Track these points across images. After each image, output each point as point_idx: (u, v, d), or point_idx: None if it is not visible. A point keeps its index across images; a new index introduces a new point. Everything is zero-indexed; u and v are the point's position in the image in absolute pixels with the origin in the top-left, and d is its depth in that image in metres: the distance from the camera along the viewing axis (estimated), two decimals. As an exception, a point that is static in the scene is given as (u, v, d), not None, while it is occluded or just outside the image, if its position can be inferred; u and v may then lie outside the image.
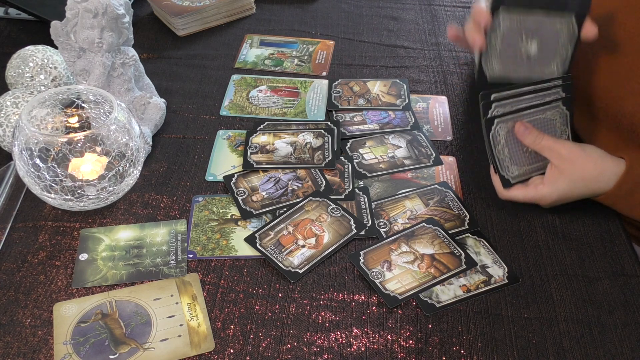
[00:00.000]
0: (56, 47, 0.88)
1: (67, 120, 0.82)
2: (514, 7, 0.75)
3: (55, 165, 0.75)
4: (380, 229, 0.79)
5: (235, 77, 1.05)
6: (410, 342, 0.68)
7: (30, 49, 0.89)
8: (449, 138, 0.94)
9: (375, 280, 0.73)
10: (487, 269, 0.75)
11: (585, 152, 0.76)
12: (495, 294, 0.73)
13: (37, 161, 0.73)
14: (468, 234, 0.79)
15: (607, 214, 0.82)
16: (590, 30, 0.77)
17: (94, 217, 0.80)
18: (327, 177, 0.86)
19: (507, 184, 0.79)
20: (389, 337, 0.68)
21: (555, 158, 0.76)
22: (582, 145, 0.77)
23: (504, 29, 0.76)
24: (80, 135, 0.72)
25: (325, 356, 0.66)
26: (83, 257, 0.75)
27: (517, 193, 0.79)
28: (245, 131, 0.93)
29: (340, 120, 0.96)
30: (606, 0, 0.83)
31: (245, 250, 0.76)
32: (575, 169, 0.76)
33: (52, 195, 0.75)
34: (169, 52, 1.10)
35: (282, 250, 0.76)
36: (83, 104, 0.81)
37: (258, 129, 0.93)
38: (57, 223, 0.79)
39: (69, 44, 0.87)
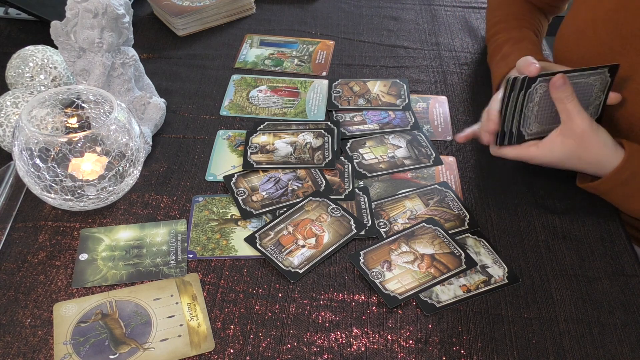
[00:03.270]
0: (56, 47, 0.88)
1: (67, 120, 0.82)
2: (549, 77, 0.75)
3: (55, 165, 0.75)
4: (380, 229, 0.79)
5: (235, 77, 1.05)
6: (410, 342, 0.68)
7: (30, 49, 0.89)
8: (449, 138, 0.94)
9: (375, 280, 0.73)
10: (487, 269, 0.75)
11: (595, 135, 0.74)
12: (495, 294, 0.73)
13: (37, 161, 0.73)
14: (468, 234, 0.79)
15: (607, 214, 0.82)
16: (615, 97, 0.78)
17: (94, 217, 0.80)
18: (327, 177, 0.86)
19: (520, 138, 0.77)
20: (389, 337, 0.68)
21: (567, 126, 0.74)
22: (597, 128, 0.75)
23: (540, 95, 0.76)
24: (80, 135, 0.72)
25: (325, 356, 0.66)
26: (83, 257, 0.75)
27: (509, 151, 0.78)
28: (245, 131, 0.93)
29: (340, 120, 0.96)
30: (605, 1, 0.83)
31: (245, 250, 0.76)
32: (578, 147, 0.75)
33: (52, 195, 0.75)
34: (169, 52, 1.10)
35: (282, 250, 0.76)
36: (83, 104, 0.81)
37: (258, 129, 0.93)
38: (57, 223, 0.79)
39: (69, 44, 0.87)
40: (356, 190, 0.84)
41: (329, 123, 0.95)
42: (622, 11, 0.80)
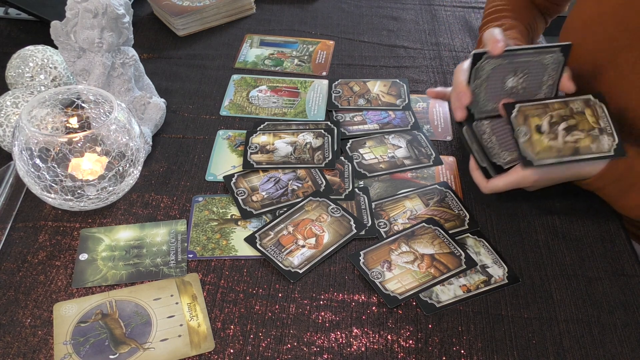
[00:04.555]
0: (56, 47, 0.88)
1: (67, 120, 0.82)
2: (480, 120, 0.79)
3: (55, 165, 0.75)
4: (380, 229, 0.79)
5: (235, 77, 1.05)
6: (410, 342, 0.68)
7: (30, 49, 0.89)
8: (449, 138, 0.94)
9: (375, 280, 0.73)
10: (487, 269, 0.75)
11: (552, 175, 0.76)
12: (495, 294, 0.73)
13: (37, 161, 0.73)
14: (468, 234, 0.79)
15: (607, 214, 0.82)
16: (569, 87, 0.79)
17: (94, 217, 0.80)
18: (327, 177, 0.86)
19: (499, 170, 0.78)
20: (389, 337, 0.68)
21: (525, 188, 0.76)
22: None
23: (491, 127, 0.79)
24: (80, 135, 0.72)
25: (325, 356, 0.66)
26: (83, 257, 0.75)
27: (498, 182, 0.77)
28: (245, 131, 0.93)
29: (340, 120, 0.96)
30: None
31: (245, 250, 0.76)
32: (549, 180, 0.76)
33: (52, 195, 0.75)
34: (169, 52, 1.10)
35: (282, 250, 0.76)
36: (83, 104, 0.81)
37: (258, 129, 0.93)
38: (57, 223, 0.79)
39: (69, 44, 0.87)
40: (356, 190, 0.84)
41: (329, 123, 0.95)
42: (629, 5, 0.80)
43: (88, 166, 0.77)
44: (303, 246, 0.76)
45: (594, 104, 0.77)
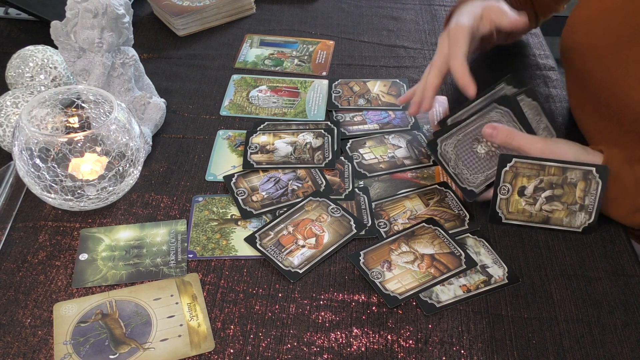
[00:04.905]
0: (56, 47, 0.88)
1: (67, 120, 0.82)
2: (447, 134, 0.80)
3: (55, 165, 0.75)
4: (380, 229, 0.79)
5: (235, 77, 1.05)
6: (410, 342, 0.68)
7: (30, 49, 0.89)
8: (449, 138, 0.94)
9: (375, 280, 0.73)
10: (487, 269, 0.75)
11: (556, 149, 0.76)
12: (495, 294, 0.73)
13: (37, 161, 0.73)
14: (468, 234, 0.79)
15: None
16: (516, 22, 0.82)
17: (94, 217, 0.80)
18: (327, 177, 0.86)
19: (471, 195, 0.79)
20: (389, 337, 0.68)
21: (528, 154, 0.76)
22: (553, 142, 0.77)
23: (453, 152, 0.80)
24: (80, 135, 0.72)
25: (325, 356, 0.66)
26: (83, 257, 0.75)
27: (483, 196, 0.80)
28: (245, 131, 0.93)
29: (340, 120, 0.96)
30: None
31: (245, 250, 0.76)
32: None
33: (52, 195, 0.75)
34: (169, 52, 1.10)
35: (282, 250, 0.76)
36: (83, 104, 0.81)
37: (258, 129, 0.93)
38: (57, 223, 0.79)
39: (69, 44, 0.87)
40: (356, 190, 0.84)
41: (329, 123, 0.95)
42: (635, 0, 0.80)
43: (88, 166, 0.77)
44: (303, 246, 0.76)
45: (592, 178, 0.76)
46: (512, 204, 0.78)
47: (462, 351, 0.67)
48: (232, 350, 0.66)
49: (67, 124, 0.82)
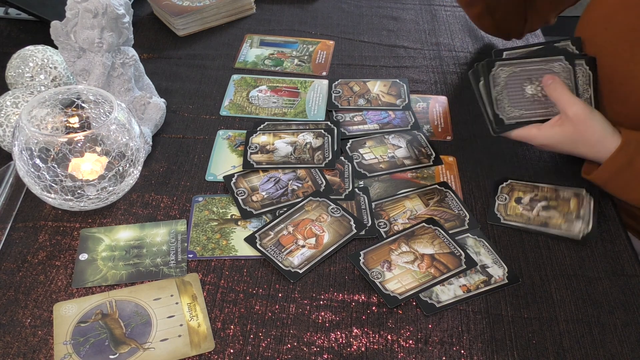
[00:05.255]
0: (56, 47, 0.88)
1: (67, 120, 0.82)
2: (507, 61, 0.82)
3: (55, 165, 0.75)
4: (380, 229, 0.79)
5: (235, 77, 1.05)
6: (410, 342, 0.68)
7: (30, 49, 0.89)
8: (449, 138, 0.94)
9: (375, 280, 0.73)
10: (487, 269, 0.75)
11: (589, 119, 0.77)
12: (495, 294, 0.73)
13: (37, 161, 0.73)
14: (468, 234, 0.79)
15: (607, 214, 0.82)
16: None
17: (94, 217, 0.80)
18: (327, 177, 0.86)
19: (499, 122, 0.81)
20: (389, 337, 0.68)
21: (563, 114, 0.78)
22: (591, 113, 0.78)
23: (504, 80, 0.82)
24: (80, 135, 0.72)
25: (325, 356, 0.66)
26: (83, 257, 0.75)
27: (511, 132, 0.81)
28: (245, 131, 0.93)
29: (340, 120, 0.96)
30: None
31: (245, 250, 0.76)
32: (574, 133, 0.78)
33: (52, 195, 0.75)
34: (169, 52, 1.10)
35: (282, 250, 0.76)
36: (83, 104, 0.81)
37: (258, 129, 0.93)
38: (57, 223, 0.79)
39: (69, 44, 0.87)
40: (356, 190, 0.84)
41: (329, 123, 0.95)
42: None
43: (88, 166, 0.77)
44: (303, 246, 0.76)
45: (583, 197, 0.82)
46: (510, 209, 0.81)
47: (462, 351, 0.67)
48: (232, 350, 0.66)
49: (67, 124, 0.82)
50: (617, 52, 0.82)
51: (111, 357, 0.65)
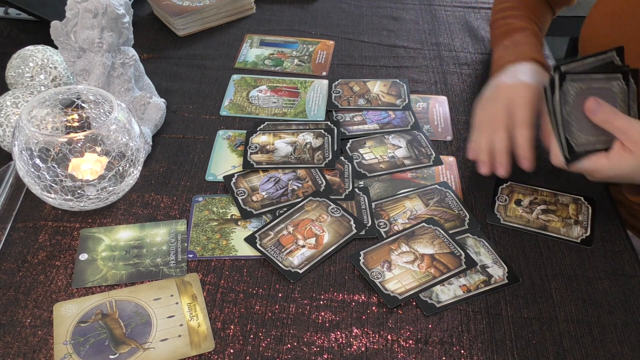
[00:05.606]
0: (56, 47, 0.88)
1: (67, 120, 0.82)
2: (577, 76, 0.72)
3: (55, 165, 0.75)
4: (380, 229, 0.79)
5: (235, 77, 1.05)
6: (410, 342, 0.68)
7: (30, 49, 0.89)
8: (449, 138, 0.94)
9: (375, 280, 0.73)
10: (487, 269, 0.75)
11: None
12: (495, 294, 0.73)
13: (37, 161, 0.73)
14: (468, 234, 0.79)
15: (607, 214, 0.82)
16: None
17: (94, 217, 0.80)
18: (327, 177, 0.86)
19: (572, 151, 0.72)
20: (389, 337, 0.68)
21: (626, 140, 0.70)
22: None
23: (573, 97, 0.72)
24: (80, 135, 0.72)
25: (325, 356, 0.66)
26: (83, 257, 0.75)
27: (579, 165, 0.73)
28: (245, 131, 0.93)
29: (340, 120, 0.96)
30: None
31: (245, 250, 0.76)
32: None
33: (52, 195, 0.75)
34: (169, 52, 1.10)
35: (282, 250, 0.76)
36: (83, 104, 0.81)
37: (258, 129, 0.93)
38: (57, 223, 0.79)
39: (69, 44, 0.87)
40: (356, 190, 0.84)
41: (329, 123, 0.95)
42: None
43: (88, 166, 0.77)
44: (303, 246, 0.76)
45: (582, 204, 0.82)
46: (509, 211, 0.81)
47: (462, 351, 0.67)
48: (232, 350, 0.66)
49: (67, 124, 0.82)
50: (625, 51, 0.81)
51: (111, 357, 0.65)
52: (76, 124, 0.83)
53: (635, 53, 0.80)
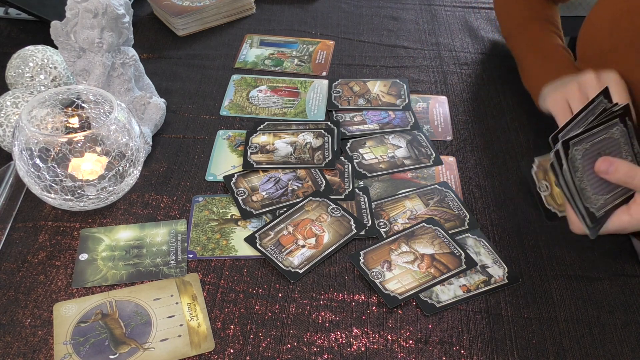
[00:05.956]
0: (56, 47, 0.88)
1: (67, 120, 0.82)
2: (578, 138, 0.67)
3: (55, 165, 0.75)
4: (380, 229, 0.79)
5: (235, 77, 1.05)
6: (410, 342, 0.68)
7: (30, 49, 0.89)
8: (449, 138, 0.94)
9: (375, 280, 0.73)
10: (487, 269, 0.75)
11: None
12: (495, 294, 0.73)
13: (37, 161, 0.73)
14: (468, 234, 0.79)
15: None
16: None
17: (94, 217, 0.80)
18: (327, 177, 0.86)
19: (593, 218, 0.67)
20: (389, 337, 0.68)
21: None
22: None
23: (580, 161, 0.67)
24: (80, 135, 0.72)
25: (325, 356, 0.66)
26: (83, 257, 0.75)
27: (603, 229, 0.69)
28: (245, 131, 0.93)
29: (340, 120, 0.96)
30: None
31: (245, 250, 0.76)
32: None
33: (52, 195, 0.75)
34: (169, 52, 1.10)
35: (282, 250, 0.76)
36: (83, 104, 0.81)
37: (258, 129, 0.93)
38: (57, 223, 0.79)
39: (69, 44, 0.87)
40: (356, 190, 0.84)
41: (329, 123, 0.95)
42: None
43: (88, 166, 0.77)
44: (303, 246, 0.76)
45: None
46: (558, 197, 0.70)
47: (462, 351, 0.67)
48: (232, 350, 0.66)
49: (67, 124, 0.82)
50: (623, 56, 0.81)
51: (111, 357, 0.65)
52: (76, 124, 0.83)
53: (633, 60, 0.80)
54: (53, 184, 0.74)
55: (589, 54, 0.88)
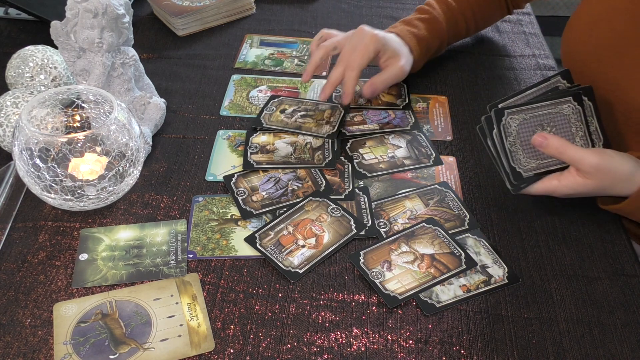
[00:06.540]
0: (56, 47, 0.88)
1: (67, 120, 0.82)
2: (516, 109, 0.76)
3: (55, 165, 0.75)
4: (380, 229, 0.79)
5: (235, 77, 1.05)
6: (410, 342, 0.68)
7: (30, 49, 0.89)
8: (449, 138, 0.94)
9: (375, 280, 0.73)
10: (487, 269, 0.75)
11: (610, 165, 0.72)
12: (495, 294, 0.73)
13: (37, 161, 0.73)
14: (468, 234, 0.79)
15: (607, 214, 0.82)
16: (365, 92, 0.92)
17: (94, 217, 0.80)
18: (327, 177, 0.86)
19: (518, 176, 0.76)
20: (389, 337, 0.68)
21: (581, 169, 0.72)
22: (609, 156, 0.72)
23: (516, 129, 0.76)
24: (80, 135, 0.72)
25: (325, 356, 0.66)
26: (83, 257, 0.75)
27: (529, 189, 0.76)
28: (245, 131, 0.93)
29: (340, 120, 0.96)
30: None
31: (245, 250, 0.76)
32: (599, 182, 0.72)
33: (52, 195, 0.75)
34: (169, 52, 1.10)
35: (282, 250, 0.76)
36: (83, 104, 0.81)
37: (258, 128, 0.93)
38: (57, 223, 0.79)
39: (69, 44, 0.87)
40: (356, 190, 0.84)
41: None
42: (634, 2, 0.79)
43: (88, 166, 0.77)
44: (303, 246, 0.76)
45: (336, 109, 0.90)
46: (274, 117, 0.88)
47: (462, 351, 0.67)
48: (232, 350, 0.66)
49: (67, 124, 0.82)
50: (602, 58, 0.83)
51: (111, 357, 0.65)
52: (76, 124, 0.83)
53: (611, 61, 0.81)
54: (53, 184, 0.74)
55: (571, 55, 0.89)
